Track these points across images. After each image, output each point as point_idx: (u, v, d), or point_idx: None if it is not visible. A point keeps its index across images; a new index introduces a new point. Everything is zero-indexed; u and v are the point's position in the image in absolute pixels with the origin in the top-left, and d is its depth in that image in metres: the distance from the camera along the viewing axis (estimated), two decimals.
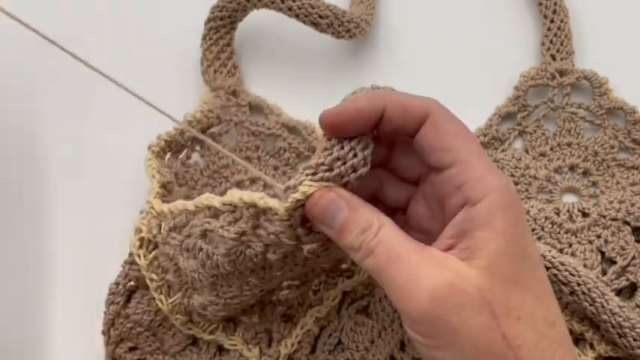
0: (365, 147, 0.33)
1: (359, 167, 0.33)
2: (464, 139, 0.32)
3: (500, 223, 0.30)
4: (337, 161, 0.33)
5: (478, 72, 0.55)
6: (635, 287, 0.46)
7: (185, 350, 0.47)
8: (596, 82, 0.52)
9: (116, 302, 0.47)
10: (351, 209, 0.32)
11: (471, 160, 0.31)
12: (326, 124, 0.32)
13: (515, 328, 0.30)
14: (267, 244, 0.36)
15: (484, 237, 0.30)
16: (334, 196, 0.32)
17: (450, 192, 0.32)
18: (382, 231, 0.31)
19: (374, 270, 0.31)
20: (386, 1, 0.58)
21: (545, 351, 0.30)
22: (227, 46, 0.54)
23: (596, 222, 0.48)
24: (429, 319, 0.30)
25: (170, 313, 0.45)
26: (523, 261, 0.31)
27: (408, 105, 0.32)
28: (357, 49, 0.56)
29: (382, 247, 0.31)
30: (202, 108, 0.51)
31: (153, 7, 0.59)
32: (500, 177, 0.31)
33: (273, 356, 0.45)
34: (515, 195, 0.31)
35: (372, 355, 0.45)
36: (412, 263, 0.30)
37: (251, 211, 0.35)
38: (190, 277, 0.41)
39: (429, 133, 0.32)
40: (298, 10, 0.51)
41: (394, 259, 0.30)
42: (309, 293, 0.46)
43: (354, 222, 0.32)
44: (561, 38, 0.53)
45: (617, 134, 0.51)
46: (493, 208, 0.30)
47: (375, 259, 0.31)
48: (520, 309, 0.30)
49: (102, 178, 0.53)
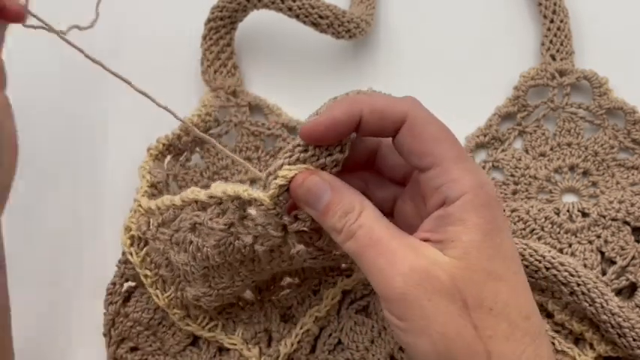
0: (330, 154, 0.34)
1: (334, 151, 0.34)
2: (440, 143, 0.32)
3: (473, 219, 0.31)
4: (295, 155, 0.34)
5: (478, 72, 0.55)
6: (635, 287, 0.46)
7: (185, 350, 0.47)
8: (596, 82, 0.52)
9: (114, 302, 0.47)
10: (334, 192, 0.33)
11: (447, 164, 0.32)
12: (305, 139, 0.33)
13: (486, 318, 0.30)
14: (255, 236, 0.36)
15: (457, 230, 0.31)
16: (317, 179, 0.33)
17: (430, 192, 0.33)
18: (363, 215, 0.32)
19: (355, 253, 0.32)
20: (386, 1, 0.58)
21: (518, 343, 0.30)
22: (227, 46, 0.54)
23: (596, 222, 0.48)
24: (403, 301, 0.30)
25: (167, 308, 0.45)
26: (497, 254, 0.31)
27: (383, 110, 0.33)
28: (357, 49, 0.56)
29: (363, 231, 0.32)
30: (201, 110, 0.51)
31: (153, 8, 0.59)
32: (477, 178, 0.32)
33: (272, 356, 0.45)
34: (490, 195, 0.32)
35: (371, 354, 0.45)
36: (391, 248, 0.31)
37: (236, 204, 0.35)
38: (182, 270, 0.41)
39: (406, 137, 0.33)
40: (298, 10, 0.51)
41: (374, 244, 0.31)
42: (309, 293, 0.46)
43: (337, 204, 0.33)
44: (561, 38, 0.53)
45: (617, 134, 0.51)
46: (467, 206, 0.31)
47: (356, 243, 0.32)
48: (493, 300, 0.30)
49: (103, 179, 0.54)
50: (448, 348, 0.30)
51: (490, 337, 0.30)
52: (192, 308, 0.45)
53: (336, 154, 0.34)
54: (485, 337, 0.30)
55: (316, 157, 0.34)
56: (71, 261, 0.52)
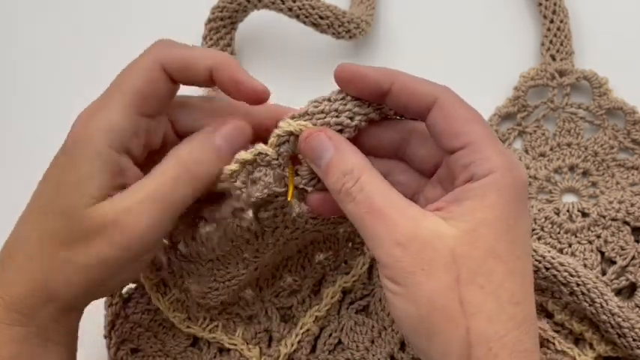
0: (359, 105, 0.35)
1: (342, 115, 0.34)
2: (473, 124, 0.33)
3: (493, 198, 0.31)
4: (326, 101, 0.35)
5: (478, 72, 0.55)
6: (635, 287, 0.46)
7: (186, 351, 0.47)
8: (595, 83, 0.52)
9: (114, 304, 0.47)
10: (337, 151, 0.33)
11: (480, 143, 0.32)
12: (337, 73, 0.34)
13: (475, 295, 0.30)
14: (258, 206, 0.37)
15: (473, 206, 0.31)
16: (322, 137, 0.34)
17: (459, 171, 0.33)
18: (364, 179, 0.33)
19: (354, 217, 0.32)
20: (386, 1, 0.58)
21: (500, 327, 0.30)
22: (227, 46, 0.54)
23: (596, 222, 0.48)
24: (399, 268, 0.31)
25: (168, 312, 0.45)
26: (505, 235, 0.31)
27: (415, 87, 0.34)
28: (357, 49, 0.57)
29: (362, 195, 0.32)
30: None
31: (153, 8, 0.59)
32: (508, 160, 0.32)
33: (273, 356, 0.45)
34: (517, 178, 0.32)
35: (372, 354, 0.45)
36: (391, 217, 0.31)
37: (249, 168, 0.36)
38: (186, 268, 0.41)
39: (438, 118, 0.33)
40: (298, 10, 0.51)
41: (374, 211, 0.32)
42: (309, 293, 0.46)
43: (338, 164, 0.33)
44: (561, 38, 0.53)
45: (616, 134, 0.51)
46: (491, 184, 0.31)
47: (356, 207, 0.32)
48: (487, 278, 0.30)
49: None
50: (431, 315, 0.30)
51: (473, 314, 0.30)
52: (194, 309, 0.45)
53: (343, 118, 0.34)
54: (468, 313, 0.30)
55: (324, 115, 0.34)
56: None
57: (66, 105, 0.56)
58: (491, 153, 0.32)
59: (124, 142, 0.34)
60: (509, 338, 0.30)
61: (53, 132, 0.55)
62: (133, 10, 0.59)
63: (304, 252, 0.45)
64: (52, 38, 0.58)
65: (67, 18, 0.59)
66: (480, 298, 0.30)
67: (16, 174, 0.55)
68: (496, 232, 0.31)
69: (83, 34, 0.58)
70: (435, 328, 0.30)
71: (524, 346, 0.31)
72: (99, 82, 0.57)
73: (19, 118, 0.57)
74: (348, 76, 0.34)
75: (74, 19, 0.59)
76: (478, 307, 0.30)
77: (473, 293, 0.30)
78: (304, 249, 0.45)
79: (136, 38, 0.58)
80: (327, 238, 0.45)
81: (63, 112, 0.56)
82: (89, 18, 0.59)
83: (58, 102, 0.57)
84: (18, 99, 0.57)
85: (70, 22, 0.59)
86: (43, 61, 0.58)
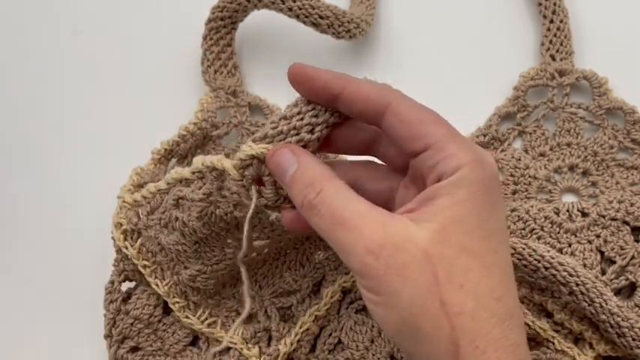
0: (315, 116, 0.35)
1: (301, 131, 0.34)
2: (431, 125, 0.33)
3: (462, 194, 0.31)
4: (283, 120, 0.35)
5: (478, 72, 0.55)
6: (635, 287, 0.46)
7: (185, 350, 0.47)
8: (595, 82, 0.52)
9: (114, 300, 0.47)
10: (300, 165, 0.33)
11: (442, 142, 0.32)
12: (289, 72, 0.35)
13: (455, 294, 0.30)
14: (234, 204, 0.38)
15: (443, 204, 0.31)
16: (287, 152, 0.34)
17: (427, 172, 0.32)
18: (325, 190, 0.32)
19: (321, 230, 0.32)
20: (386, 1, 0.58)
21: (483, 324, 0.30)
22: (227, 46, 0.54)
23: (596, 222, 0.48)
24: (374, 276, 0.30)
25: (168, 297, 0.46)
26: (478, 230, 0.31)
27: (367, 92, 0.34)
28: (357, 49, 0.57)
29: (325, 207, 0.32)
30: (198, 117, 0.51)
31: (153, 8, 0.59)
32: (474, 153, 0.32)
33: (272, 355, 0.45)
34: (488, 171, 0.32)
35: (371, 354, 0.45)
36: (357, 226, 0.31)
37: (214, 174, 0.37)
38: (175, 251, 0.42)
39: (394, 123, 0.33)
40: (298, 10, 0.51)
41: (339, 223, 0.31)
42: (309, 292, 0.46)
43: (300, 177, 0.33)
44: (561, 38, 0.53)
45: (616, 134, 0.51)
46: (460, 180, 0.31)
47: (321, 219, 0.32)
48: (464, 276, 0.30)
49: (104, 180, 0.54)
50: (413, 319, 0.30)
51: (457, 314, 0.30)
52: (191, 295, 0.45)
53: (304, 134, 0.35)
54: (451, 313, 0.30)
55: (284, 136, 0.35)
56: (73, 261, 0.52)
57: (65, 105, 0.57)
58: (456, 149, 0.32)
59: None
60: (494, 334, 0.30)
61: (53, 132, 0.56)
62: (133, 10, 0.59)
63: (303, 251, 0.45)
64: (51, 38, 0.58)
65: (66, 18, 0.59)
66: (461, 297, 0.30)
67: (16, 174, 0.55)
68: (468, 228, 0.31)
69: (82, 34, 0.59)
70: (420, 331, 0.30)
71: (510, 341, 0.31)
72: (98, 81, 0.57)
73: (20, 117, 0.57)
74: (299, 76, 0.34)
75: (72, 19, 0.59)
76: (460, 307, 0.30)
77: (452, 293, 0.30)
78: (302, 246, 0.45)
79: (136, 38, 0.58)
80: None
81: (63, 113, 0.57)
82: (88, 18, 0.59)
83: (58, 102, 0.57)
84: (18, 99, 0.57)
85: (68, 22, 0.59)
86: (43, 60, 0.58)
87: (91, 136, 0.55)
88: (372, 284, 0.31)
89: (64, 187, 0.54)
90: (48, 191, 0.54)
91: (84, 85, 0.57)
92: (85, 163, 0.55)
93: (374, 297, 0.31)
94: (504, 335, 0.30)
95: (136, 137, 0.51)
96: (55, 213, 0.53)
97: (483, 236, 0.31)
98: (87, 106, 0.56)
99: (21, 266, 0.52)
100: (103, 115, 0.56)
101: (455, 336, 0.30)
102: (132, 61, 0.57)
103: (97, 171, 0.54)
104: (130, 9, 0.59)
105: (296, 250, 0.45)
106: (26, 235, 0.53)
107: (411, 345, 0.31)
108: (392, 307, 0.31)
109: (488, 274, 0.31)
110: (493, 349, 0.30)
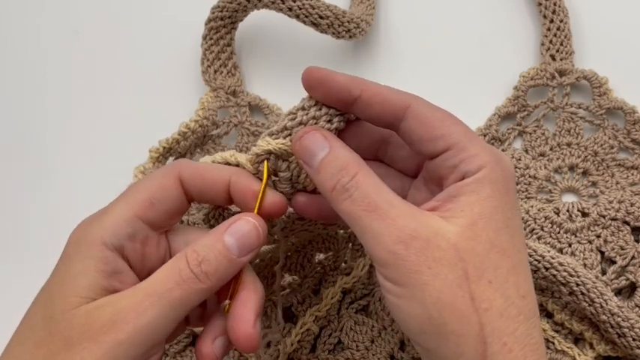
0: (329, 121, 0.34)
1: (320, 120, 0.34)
2: (451, 125, 0.32)
3: (487, 191, 0.31)
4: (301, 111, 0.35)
5: (478, 72, 0.55)
6: (635, 287, 0.46)
7: (185, 350, 0.47)
8: (595, 82, 0.52)
9: None
10: (332, 149, 0.33)
11: (463, 142, 0.32)
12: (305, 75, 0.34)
13: (484, 291, 0.30)
14: None
15: (469, 201, 0.31)
16: (318, 136, 0.33)
17: (447, 172, 0.32)
18: (360, 176, 0.32)
19: (350, 215, 0.32)
20: (386, 1, 0.58)
21: (511, 321, 0.30)
22: (227, 46, 0.54)
23: (596, 222, 0.48)
24: (402, 267, 0.30)
25: None
26: (505, 228, 0.31)
27: (387, 95, 0.33)
28: (357, 49, 0.57)
29: (360, 193, 0.31)
30: (199, 115, 0.51)
31: (153, 8, 0.59)
32: (493, 153, 0.32)
33: (272, 355, 0.45)
34: (506, 170, 0.32)
35: (372, 354, 0.45)
36: (390, 215, 0.31)
37: None
38: None
39: (414, 124, 0.33)
40: (298, 10, 0.51)
41: (373, 209, 0.31)
42: (309, 292, 0.46)
43: (332, 160, 0.33)
44: (561, 38, 0.53)
45: (616, 134, 0.51)
46: (483, 179, 0.31)
47: (353, 204, 0.31)
48: (494, 273, 0.30)
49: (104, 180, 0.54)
50: (441, 314, 0.30)
51: (486, 310, 0.30)
52: None
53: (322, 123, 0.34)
54: (481, 309, 0.30)
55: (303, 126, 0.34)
56: None
57: (65, 104, 0.57)
58: (478, 149, 0.32)
59: (120, 244, 0.32)
60: (520, 332, 0.30)
61: (53, 132, 0.56)
62: (133, 10, 0.59)
63: (303, 252, 0.45)
64: (52, 38, 0.58)
65: (66, 18, 0.59)
66: (490, 294, 0.30)
67: (16, 174, 0.55)
68: (497, 225, 0.31)
69: (82, 34, 0.58)
70: (447, 327, 0.30)
71: (534, 339, 0.31)
72: (98, 81, 0.57)
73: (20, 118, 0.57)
74: (318, 79, 0.34)
75: (72, 19, 0.59)
76: (489, 303, 0.30)
77: (482, 289, 0.30)
78: (303, 249, 0.45)
79: (136, 38, 0.58)
80: (327, 239, 0.45)
81: (63, 113, 0.57)
82: (88, 18, 0.59)
83: (58, 102, 0.57)
84: (18, 99, 0.57)
85: (68, 22, 0.59)
86: (43, 60, 0.58)
87: (91, 136, 0.55)
88: (398, 275, 0.30)
89: (64, 186, 0.54)
90: (48, 191, 0.54)
91: (84, 84, 0.57)
92: (85, 163, 0.55)
93: (397, 289, 0.31)
94: (529, 333, 0.30)
95: (136, 137, 0.51)
96: (55, 213, 0.53)
97: (510, 234, 0.31)
98: (87, 106, 0.56)
99: (21, 266, 0.52)
100: (104, 115, 0.56)
101: (483, 333, 0.30)
102: (132, 61, 0.57)
103: (97, 171, 0.54)
104: (130, 9, 0.59)
105: (297, 253, 0.45)
106: (26, 235, 0.53)
107: (434, 342, 0.30)
108: (416, 300, 0.30)
109: (515, 272, 0.31)
110: (519, 347, 0.30)
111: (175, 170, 0.34)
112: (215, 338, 0.33)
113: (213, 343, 0.33)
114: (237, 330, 0.32)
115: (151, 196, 0.33)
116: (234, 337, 0.32)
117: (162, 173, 0.34)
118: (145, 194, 0.33)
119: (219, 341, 0.33)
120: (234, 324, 0.32)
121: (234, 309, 0.33)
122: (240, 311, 0.33)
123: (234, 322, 0.32)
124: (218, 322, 0.34)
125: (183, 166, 0.34)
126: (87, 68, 0.57)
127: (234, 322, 0.33)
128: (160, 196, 0.33)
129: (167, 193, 0.34)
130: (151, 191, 0.33)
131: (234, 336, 0.32)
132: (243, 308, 0.33)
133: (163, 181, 0.34)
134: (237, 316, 0.33)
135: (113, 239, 0.32)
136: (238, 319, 0.33)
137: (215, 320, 0.34)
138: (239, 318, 0.33)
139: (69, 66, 0.57)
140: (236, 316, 0.33)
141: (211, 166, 0.35)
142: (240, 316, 0.33)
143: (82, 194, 0.54)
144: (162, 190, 0.34)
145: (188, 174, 0.34)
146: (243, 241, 0.33)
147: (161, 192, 0.34)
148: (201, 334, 0.34)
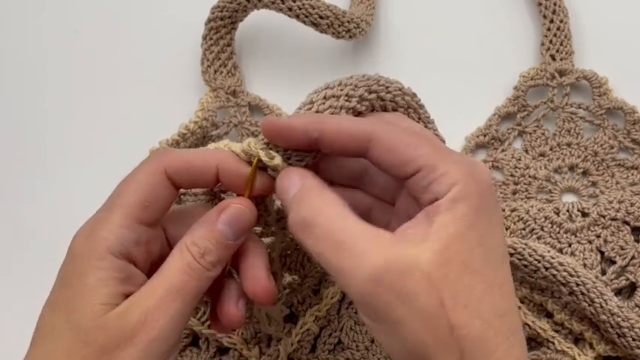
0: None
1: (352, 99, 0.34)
2: (417, 146, 0.32)
3: (462, 209, 0.30)
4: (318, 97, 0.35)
5: (478, 72, 0.55)
6: (635, 287, 0.46)
7: (185, 350, 0.47)
8: (595, 82, 0.52)
9: None
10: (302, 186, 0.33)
11: (431, 162, 0.31)
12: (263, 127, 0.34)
13: (461, 317, 0.29)
14: None
15: (444, 221, 0.30)
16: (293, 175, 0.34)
17: (420, 194, 0.32)
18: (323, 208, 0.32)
19: (316, 254, 0.31)
20: (386, 1, 0.58)
21: (490, 343, 0.30)
22: (227, 46, 0.54)
23: (596, 222, 0.48)
24: (374, 303, 0.30)
25: None
26: (479, 247, 0.31)
27: (346, 129, 0.33)
28: (357, 49, 0.57)
29: (322, 230, 0.31)
30: (198, 116, 0.51)
31: (153, 8, 0.59)
32: (465, 167, 0.31)
33: (272, 355, 0.45)
34: (481, 183, 0.32)
35: (372, 354, 0.45)
36: (357, 252, 0.30)
37: None
38: None
39: (380, 153, 0.32)
40: (298, 10, 0.51)
41: (337, 246, 0.30)
42: (309, 292, 0.46)
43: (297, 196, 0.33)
44: (561, 38, 0.53)
45: (616, 134, 0.51)
46: (457, 196, 0.31)
47: (317, 242, 0.31)
48: (468, 295, 0.30)
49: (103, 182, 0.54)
50: (420, 348, 0.30)
51: (465, 337, 0.29)
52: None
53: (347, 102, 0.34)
54: (460, 336, 0.29)
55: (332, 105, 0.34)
56: None
57: (65, 105, 0.57)
58: (447, 167, 0.31)
59: (127, 252, 0.33)
60: (500, 353, 0.30)
61: (53, 132, 0.56)
62: (133, 10, 0.59)
63: (303, 251, 0.45)
64: (52, 38, 0.58)
65: (66, 18, 0.59)
66: (467, 319, 0.30)
67: (16, 174, 0.55)
68: (469, 245, 0.30)
69: (82, 34, 0.58)
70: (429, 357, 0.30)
71: (514, 358, 0.30)
72: (98, 81, 0.57)
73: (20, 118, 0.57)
74: (275, 130, 0.34)
75: (72, 19, 0.59)
76: (467, 329, 0.29)
77: (458, 315, 0.29)
78: (303, 248, 0.45)
79: (136, 38, 0.58)
80: None
81: (63, 113, 0.57)
82: (88, 18, 0.59)
83: (58, 102, 0.57)
84: (18, 99, 0.57)
85: (68, 22, 0.59)
86: (43, 60, 0.58)
87: (91, 136, 0.55)
88: (372, 312, 0.30)
89: (64, 186, 0.54)
90: (48, 191, 0.54)
91: (84, 84, 0.57)
92: (85, 163, 0.55)
93: (375, 325, 0.31)
94: (509, 353, 0.30)
95: (136, 137, 0.51)
96: (55, 213, 0.53)
97: (483, 253, 0.31)
98: (87, 106, 0.56)
99: (21, 266, 0.52)
100: (104, 115, 0.56)
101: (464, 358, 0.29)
102: (132, 61, 0.57)
103: (97, 171, 0.54)
104: (130, 9, 0.59)
105: (297, 252, 0.45)
106: (26, 235, 0.53)
107: None
108: (394, 335, 0.30)
109: (489, 292, 0.30)
110: None
111: (161, 166, 0.34)
112: (237, 301, 0.36)
113: (237, 306, 0.36)
114: (254, 288, 0.35)
115: (143, 199, 0.34)
116: (253, 294, 0.35)
117: (148, 172, 0.34)
118: (137, 197, 0.34)
119: (241, 303, 0.36)
120: (249, 284, 0.35)
121: (246, 272, 0.35)
122: (252, 273, 0.35)
123: (250, 283, 0.35)
124: (233, 288, 0.36)
125: (169, 160, 0.35)
126: (87, 68, 0.57)
127: (249, 283, 0.35)
128: (151, 197, 0.34)
129: (158, 194, 0.34)
130: (142, 194, 0.34)
131: (253, 293, 0.35)
132: (254, 269, 0.35)
133: (152, 182, 0.34)
134: (250, 277, 0.35)
135: (121, 248, 0.33)
136: (252, 279, 0.35)
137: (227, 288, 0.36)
138: (253, 278, 0.35)
139: (69, 66, 0.57)
140: (250, 278, 0.35)
141: (197, 154, 0.35)
142: (253, 276, 0.35)
143: (81, 194, 0.53)
144: (153, 191, 0.34)
145: (174, 169, 0.34)
146: (236, 226, 0.34)
147: (152, 194, 0.34)
148: (221, 301, 0.36)
